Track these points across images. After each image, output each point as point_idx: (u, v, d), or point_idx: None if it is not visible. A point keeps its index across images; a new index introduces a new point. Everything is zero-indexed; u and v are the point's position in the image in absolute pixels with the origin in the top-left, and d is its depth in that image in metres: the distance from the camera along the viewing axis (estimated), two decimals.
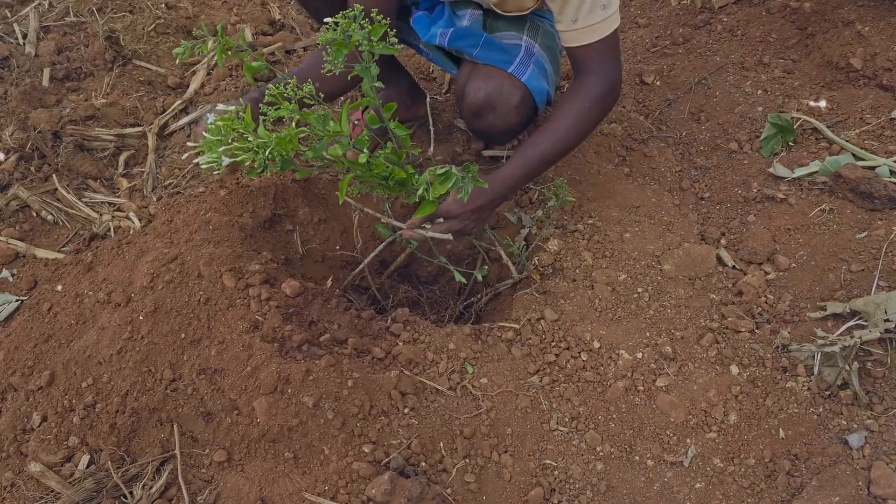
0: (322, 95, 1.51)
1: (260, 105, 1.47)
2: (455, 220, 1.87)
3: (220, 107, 1.42)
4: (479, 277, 2.01)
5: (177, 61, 1.61)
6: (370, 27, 1.42)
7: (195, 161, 1.46)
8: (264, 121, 1.43)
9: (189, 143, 1.51)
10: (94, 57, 3.01)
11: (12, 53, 3.01)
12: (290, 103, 1.42)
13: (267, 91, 1.46)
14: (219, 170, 1.43)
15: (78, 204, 2.42)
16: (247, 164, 1.40)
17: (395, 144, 1.70)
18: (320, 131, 1.49)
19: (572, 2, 1.80)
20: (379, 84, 1.57)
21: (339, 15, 1.42)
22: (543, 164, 1.97)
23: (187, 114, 2.86)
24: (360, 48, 1.46)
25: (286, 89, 1.42)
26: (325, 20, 1.40)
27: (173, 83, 3.02)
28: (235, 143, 1.37)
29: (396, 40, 1.50)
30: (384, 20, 1.45)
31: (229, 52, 1.56)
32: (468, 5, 2.07)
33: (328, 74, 1.44)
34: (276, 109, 1.42)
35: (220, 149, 1.36)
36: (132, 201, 2.44)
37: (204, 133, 1.42)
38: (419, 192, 1.69)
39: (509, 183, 1.93)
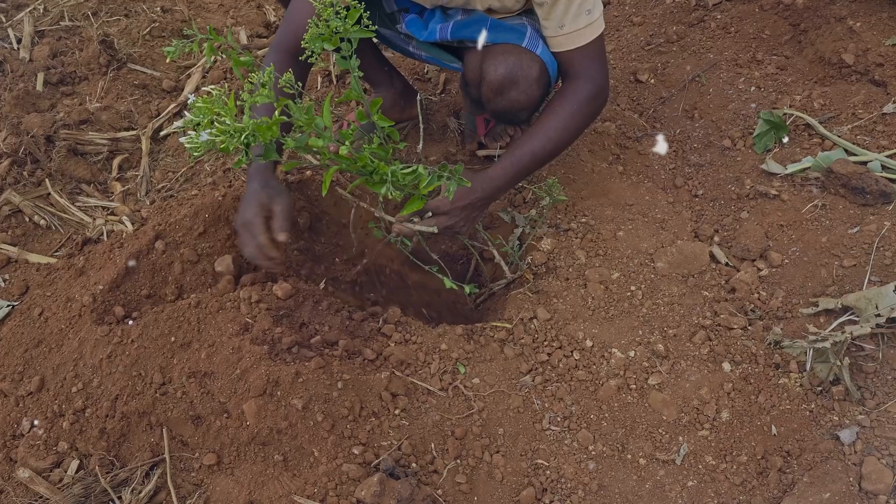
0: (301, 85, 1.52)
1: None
2: (444, 216, 1.87)
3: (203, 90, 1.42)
4: (468, 292, 1.99)
5: (167, 60, 1.61)
6: (345, 13, 1.43)
7: (180, 139, 1.47)
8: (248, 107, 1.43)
9: (177, 124, 1.51)
10: (89, 61, 3.01)
11: (6, 58, 3.02)
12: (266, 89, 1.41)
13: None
14: (198, 152, 1.43)
15: (71, 208, 2.42)
16: (222, 146, 1.40)
17: (381, 139, 1.69)
18: (301, 122, 1.49)
19: (559, 7, 1.84)
20: (360, 73, 1.57)
21: (316, 1, 1.43)
22: (533, 165, 1.97)
23: (182, 117, 2.86)
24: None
25: (264, 76, 1.42)
26: None
27: (168, 86, 3.02)
28: (217, 126, 1.37)
29: (371, 22, 1.50)
30: (359, 5, 1.46)
31: (222, 55, 1.57)
32: (457, 10, 2.07)
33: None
34: (254, 96, 1.41)
35: (205, 132, 1.36)
36: (126, 205, 2.44)
37: (186, 112, 1.43)
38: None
39: (498, 182, 1.94)
